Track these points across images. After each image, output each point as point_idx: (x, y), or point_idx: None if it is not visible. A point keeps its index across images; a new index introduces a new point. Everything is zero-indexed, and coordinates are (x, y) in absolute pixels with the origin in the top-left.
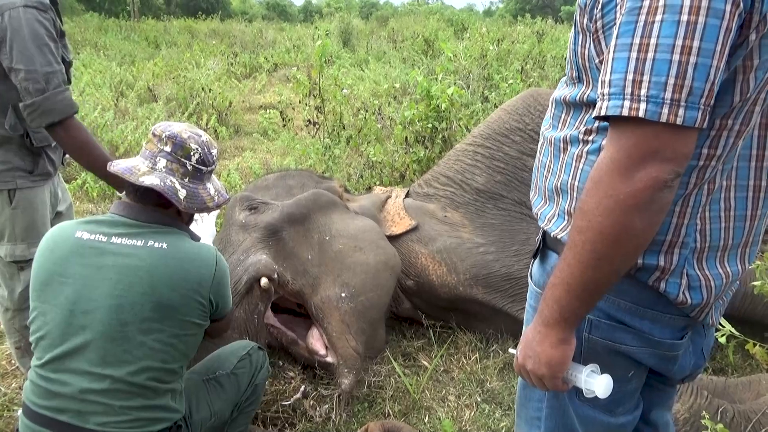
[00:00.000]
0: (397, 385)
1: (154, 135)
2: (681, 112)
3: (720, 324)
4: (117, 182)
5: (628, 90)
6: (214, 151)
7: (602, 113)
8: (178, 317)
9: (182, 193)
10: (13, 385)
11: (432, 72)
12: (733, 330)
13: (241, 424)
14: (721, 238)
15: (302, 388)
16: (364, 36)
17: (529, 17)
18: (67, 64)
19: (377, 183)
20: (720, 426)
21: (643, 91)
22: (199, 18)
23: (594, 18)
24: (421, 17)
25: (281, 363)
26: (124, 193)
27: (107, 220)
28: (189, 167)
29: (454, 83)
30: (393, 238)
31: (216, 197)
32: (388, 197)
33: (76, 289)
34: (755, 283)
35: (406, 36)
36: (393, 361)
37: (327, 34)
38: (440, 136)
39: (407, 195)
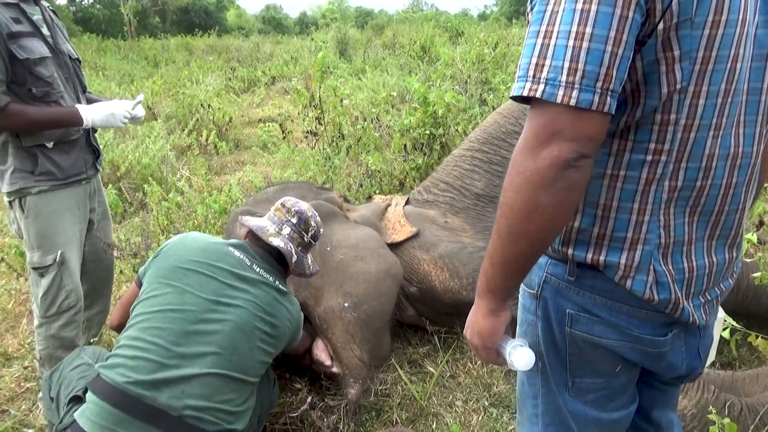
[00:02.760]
0: (404, 393)
1: (283, 206)
2: (575, 94)
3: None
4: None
5: (531, 73)
6: (322, 231)
7: (511, 94)
8: (277, 343)
9: (294, 258)
10: (22, 407)
11: (429, 78)
12: (734, 323)
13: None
14: (686, 233)
15: (309, 399)
16: (361, 45)
17: (524, 19)
18: (40, 59)
19: (377, 192)
20: (727, 420)
21: (544, 74)
22: (196, 35)
23: (527, 11)
24: (416, 24)
25: (287, 375)
26: None
27: (248, 249)
28: (305, 239)
29: (452, 88)
30: (394, 246)
31: (312, 267)
32: (388, 205)
33: (223, 285)
34: (755, 274)
35: (403, 43)
36: (399, 368)
37: (324, 44)
38: (438, 142)
39: (407, 202)
